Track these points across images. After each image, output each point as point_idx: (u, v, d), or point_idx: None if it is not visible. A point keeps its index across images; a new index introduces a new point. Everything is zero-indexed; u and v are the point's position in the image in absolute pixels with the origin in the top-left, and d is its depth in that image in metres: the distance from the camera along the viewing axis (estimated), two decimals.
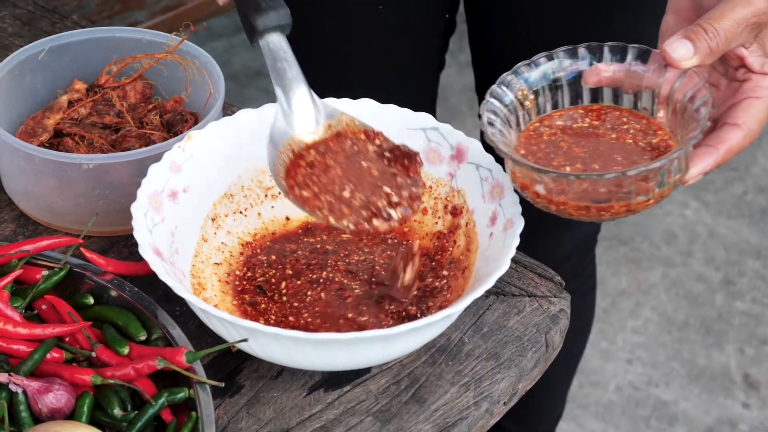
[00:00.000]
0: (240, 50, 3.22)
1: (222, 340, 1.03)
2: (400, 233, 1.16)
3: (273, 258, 1.14)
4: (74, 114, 1.25)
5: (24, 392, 0.97)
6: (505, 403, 1.07)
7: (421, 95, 1.58)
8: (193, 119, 1.25)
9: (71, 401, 0.97)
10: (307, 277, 1.12)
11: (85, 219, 1.17)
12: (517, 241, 1.03)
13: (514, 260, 1.17)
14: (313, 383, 1.07)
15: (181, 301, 1.10)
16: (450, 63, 1.96)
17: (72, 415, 0.97)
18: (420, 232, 1.15)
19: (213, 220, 1.14)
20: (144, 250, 1.01)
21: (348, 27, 1.46)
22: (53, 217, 1.20)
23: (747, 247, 2.71)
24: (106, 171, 1.15)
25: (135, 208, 1.05)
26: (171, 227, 1.08)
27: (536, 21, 1.40)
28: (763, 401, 2.36)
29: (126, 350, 1.01)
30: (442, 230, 1.14)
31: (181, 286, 0.99)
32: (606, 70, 1.05)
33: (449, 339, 1.11)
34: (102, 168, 1.15)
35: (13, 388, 0.97)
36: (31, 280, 1.08)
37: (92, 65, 1.30)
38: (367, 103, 1.15)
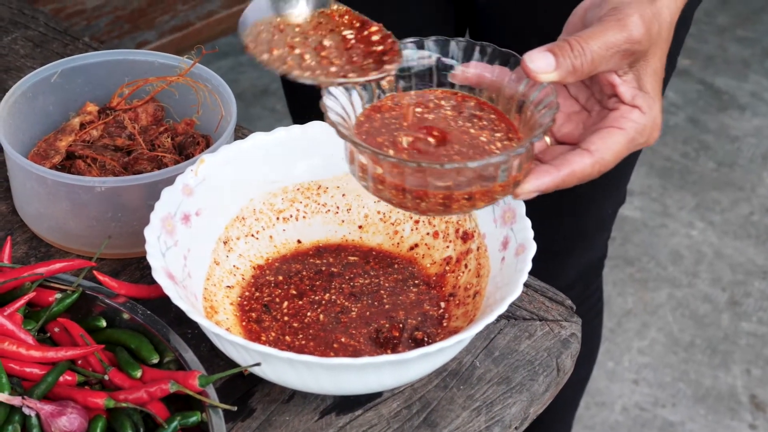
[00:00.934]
0: (247, 69, 3.23)
1: (234, 362, 1.03)
2: (409, 259, 1.16)
3: (280, 278, 1.14)
4: (86, 136, 1.26)
5: (37, 415, 0.97)
6: (516, 428, 1.07)
7: None
8: (205, 142, 1.26)
9: (84, 424, 0.98)
10: (310, 298, 1.12)
11: (97, 241, 1.18)
12: (529, 266, 1.03)
13: (524, 284, 1.17)
14: (324, 407, 1.07)
15: (193, 323, 1.10)
16: None
17: None
18: (431, 257, 1.16)
19: (225, 243, 1.14)
20: (157, 274, 1.02)
21: None
22: (65, 240, 1.20)
23: (753, 268, 2.71)
24: (119, 194, 1.16)
25: (148, 232, 1.06)
26: (183, 250, 1.09)
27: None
28: None
29: (139, 373, 1.02)
30: (452, 255, 1.14)
31: (194, 310, 1.00)
32: (474, 71, 1.01)
33: (461, 363, 1.11)
34: (114, 191, 1.16)
35: (26, 411, 0.97)
36: (44, 302, 1.08)
37: (104, 88, 1.31)
38: None
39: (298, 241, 1.18)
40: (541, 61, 0.94)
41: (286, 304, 1.12)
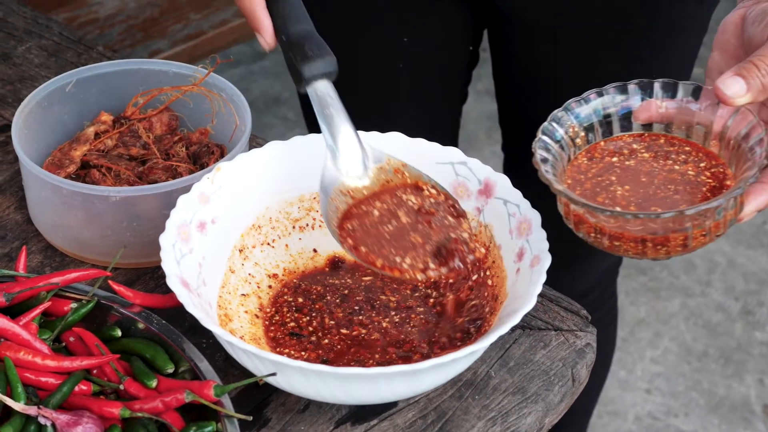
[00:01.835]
0: (259, 77, 3.23)
1: (249, 371, 1.03)
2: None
3: (300, 300, 1.14)
4: (101, 145, 1.26)
5: (53, 425, 0.97)
6: None
7: (444, 127, 1.58)
8: (219, 151, 1.26)
9: None
10: (331, 317, 1.12)
11: (112, 251, 1.18)
12: (543, 278, 1.03)
13: (539, 294, 1.16)
14: (339, 417, 1.07)
15: (208, 333, 1.10)
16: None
17: None
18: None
19: (240, 251, 1.14)
20: (171, 281, 1.02)
21: (373, 64, 1.47)
22: (80, 249, 1.20)
23: (766, 277, 2.70)
24: (134, 203, 1.16)
25: (163, 239, 1.06)
26: (199, 258, 1.09)
27: (561, 53, 1.41)
28: None
29: (154, 383, 1.01)
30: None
31: (208, 318, 1.00)
32: (659, 106, 1.04)
33: (476, 373, 1.11)
34: (129, 200, 1.16)
35: (42, 420, 0.97)
36: (59, 312, 1.08)
37: (119, 97, 1.31)
38: (396, 137, 1.15)
39: (314, 251, 1.18)
40: (735, 86, 0.98)
41: (305, 320, 1.12)
